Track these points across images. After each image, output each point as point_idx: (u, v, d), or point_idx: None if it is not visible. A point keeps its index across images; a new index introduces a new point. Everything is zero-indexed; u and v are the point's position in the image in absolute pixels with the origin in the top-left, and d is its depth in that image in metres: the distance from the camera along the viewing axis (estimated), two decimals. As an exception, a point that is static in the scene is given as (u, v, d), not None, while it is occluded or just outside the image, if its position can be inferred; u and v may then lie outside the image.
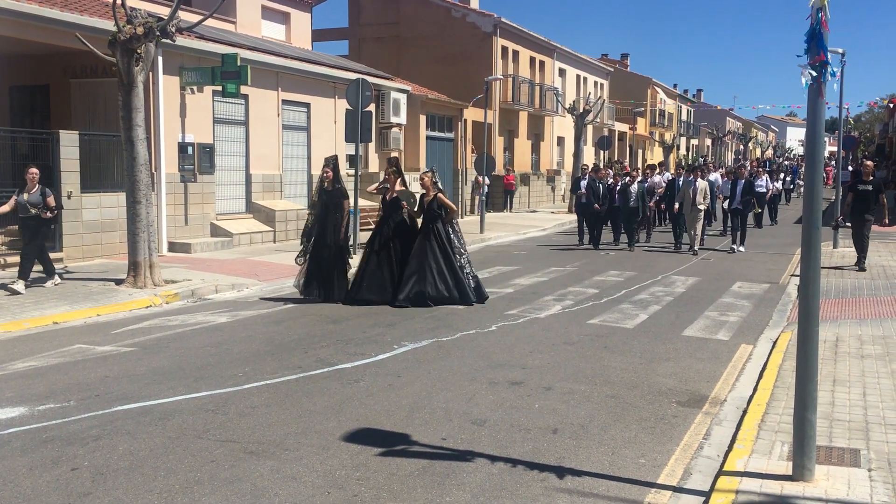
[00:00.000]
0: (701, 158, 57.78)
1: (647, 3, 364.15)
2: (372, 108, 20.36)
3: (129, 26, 11.82)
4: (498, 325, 9.88)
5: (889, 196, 25.78)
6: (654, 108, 55.31)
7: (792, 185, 38.81)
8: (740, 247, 18.34)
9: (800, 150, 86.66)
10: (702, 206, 17.69)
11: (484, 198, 23.43)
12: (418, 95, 25.44)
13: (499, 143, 32.65)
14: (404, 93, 24.38)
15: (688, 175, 18.82)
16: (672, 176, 22.96)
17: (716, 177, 22.45)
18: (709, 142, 75.04)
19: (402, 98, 24.03)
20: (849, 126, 54.89)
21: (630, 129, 50.16)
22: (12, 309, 10.19)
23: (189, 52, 16.89)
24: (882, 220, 14.55)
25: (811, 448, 4.78)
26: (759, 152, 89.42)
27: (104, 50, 12.26)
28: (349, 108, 17.08)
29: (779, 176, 32.44)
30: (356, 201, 16.44)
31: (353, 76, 19.01)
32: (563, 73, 39.94)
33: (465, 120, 28.33)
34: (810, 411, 4.77)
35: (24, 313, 9.98)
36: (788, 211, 31.59)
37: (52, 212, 11.73)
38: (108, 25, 13.10)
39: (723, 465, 5.17)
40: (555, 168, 38.81)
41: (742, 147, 79.77)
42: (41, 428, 5.88)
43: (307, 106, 20.85)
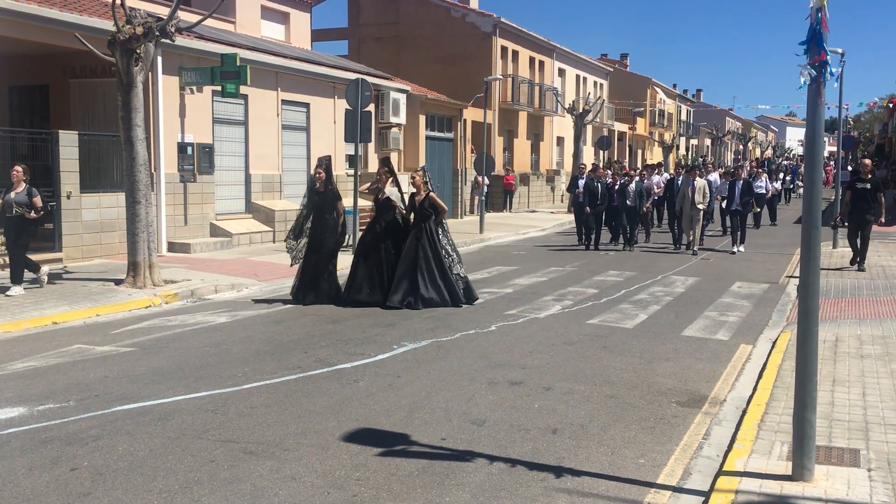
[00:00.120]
0: (700, 158, 57.78)
1: (647, 3, 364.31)
2: (371, 108, 20.35)
3: (129, 26, 11.82)
4: (497, 325, 9.88)
5: (888, 196, 25.83)
6: (653, 108, 55.32)
7: (791, 186, 38.81)
8: (740, 247, 18.33)
9: (799, 151, 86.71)
10: (701, 206, 17.68)
11: (483, 198, 23.43)
12: (418, 95, 25.43)
13: (498, 143, 32.65)
14: (404, 93, 24.37)
15: (686, 174, 18.81)
16: (670, 176, 22.96)
17: (715, 177, 22.40)
18: (708, 142, 75.08)
19: (402, 98, 24.03)
20: (848, 126, 54.93)
21: (629, 129, 50.16)
22: (11, 309, 10.19)
23: (188, 52, 16.89)
24: (879, 218, 14.47)
25: (811, 448, 4.79)
26: (758, 152, 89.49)
27: (103, 50, 12.26)
28: (349, 108, 17.07)
29: (778, 176, 32.40)
30: (356, 201, 16.42)
31: (353, 76, 19.00)
32: (562, 73, 39.94)
33: (465, 120, 28.32)
34: (810, 411, 4.78)
35: (23, 313, 9.98)
36: (788, 211, 31.58)
37: (37, 212, 11.31)
38: (108, 25, 13.10)
39: (722, 464, 5.17)
40: (554, 168, 38.81)
41: (742, 147, 79.84)
42: (40, 428, 5.88)
43: (307, 106, 20.85)
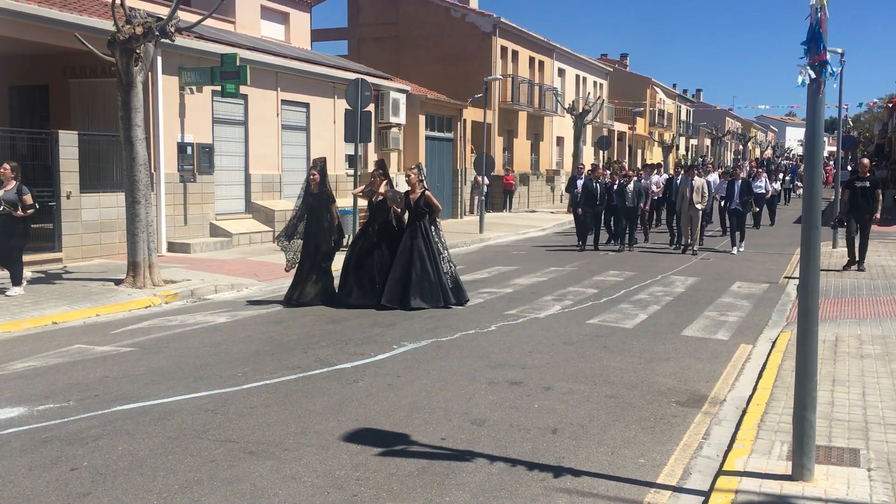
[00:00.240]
0: (700, 158, 57.79)
1: (647, 3, 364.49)
2: (371, 108, 20.36)
3: (129, 26, 11.81)
4: (497, 325, 9.88)
5: (888, 196, 25.84)
6: (653, 108, 55.31)
7: (791, 185, 38.79)
8: (740, 247, 18.32)
9: (799, 150, 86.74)
10: (699, 206, 17.65)
11: (483, 198, 23.43)
12: (417, 95, 25.43)
13: (498, 142, 32.65)
14: (403, 93, 24.37)
15: (684, 174, 18.80)
16: (669, 176, 22.94)
17: (713, 177, 22.38)
18: (708, 142, 75.07)
19: (402, 98, 24.03)
20: (848, 126, 54.91)
21: (629, 129, 50.16)
22: (11, 309, 10.19)
23: (188, 52, 16.89)
24: (874, 215, 14.39)
25: (810, 448, 4.79)
26: (758, 152, 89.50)
27: (103, 50, 12.26)
28: (348, 108, 17.08)
29: (777, 176, 32.38)
30: (355, 202, 16.42)
31: (353, 76, 19.01)
32: (562, 73, 39.94)
33: (465, 120, 28.32)
34: (810, 411, 4.78)
35: (23, 313, 9.98)
36: (787, 211, 31.59)
37: (24, 210, 11.03)
38: (108, 25, 13.09)
39: (722, 464, 5.17)
40: (554, 168, 38.81)
41: (741, 147, 79.84)
42: (40, 428, 5.88)
43: (306, 106, 20.85)
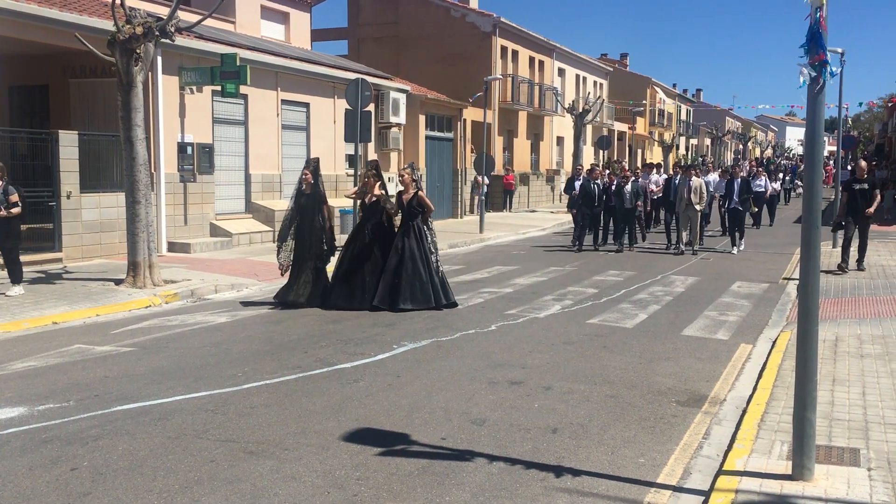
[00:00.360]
0: (700, 158, 57.79)
1: (646, 3, 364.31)
2: (371, 107, 20.36)
3: (129, 26, 11.82)
4: (497, 324, 9.88)
5: (888, 196, 25.81)
6: (653, 107, 55.31)
7: (791, 185, 38.75)
8: (740, 246, 18.32)
9: (799, 150, 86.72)
10: (698, 206, 17.63)
11: (483, 197, 23.44)
12: (418, 95, 25.43)
13: (498, 142, 32.65)
14: (403, 93, 24.38)
15: (683, 174, 18.79)
16: (668, 176, 22.91)
17: (713, 177, 22.38)
18: (708, 141, 75.08)
19: (402, 98, 24.03)
20: (848, 126, 54.95)
21: (629, 128, 50.16)
22: (11, 309, 10.19)
23: (188, 52, 16.89)
24: (867, 211, 14.29)
25: (811, 447, 4.79)
26: (758, 152, 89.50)
27: (103, 50, 12.26)
28: (348, 107, 17.07)
29: (777, 176, 32.36)
30: (356, 203, 16.40)
31: (353, 76, 19.00)
32: (562, 72, 39.94)
33: (465, 120, 28.32)
34: (810, 411, 4.78)
35: (23, 313, 9.98)
36: (787, 211, 31.58)
37: (8, 210, 10.85)
38: (108, 25, 13.10)
39: (722, 464, 5.17)
40: (554, 168, 38.82)
41: (741, 147, 79.85)
42: (40, 428, 5.88)
43: (306, 106, 20.86)
